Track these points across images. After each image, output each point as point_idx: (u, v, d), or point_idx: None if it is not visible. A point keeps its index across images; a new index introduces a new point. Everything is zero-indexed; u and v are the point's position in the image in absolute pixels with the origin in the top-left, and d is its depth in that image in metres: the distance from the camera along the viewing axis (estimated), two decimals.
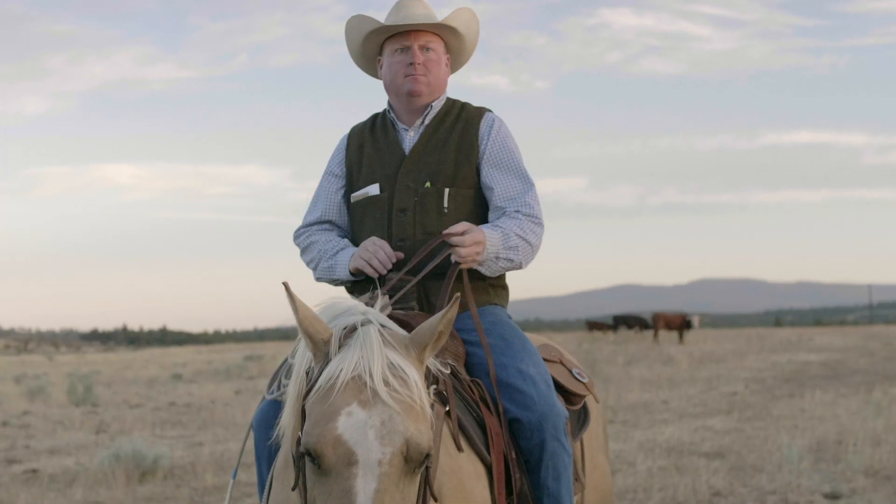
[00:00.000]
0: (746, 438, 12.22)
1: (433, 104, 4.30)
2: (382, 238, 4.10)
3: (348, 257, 4.11)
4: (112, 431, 14.90)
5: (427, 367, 3.06)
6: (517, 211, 4.12)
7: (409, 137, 4.28)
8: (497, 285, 4.19)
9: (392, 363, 2.87)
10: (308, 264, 4.32)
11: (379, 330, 2.97)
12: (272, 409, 3.74)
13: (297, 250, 4.44)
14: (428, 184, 4.15)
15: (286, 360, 3.79)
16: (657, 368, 26.32)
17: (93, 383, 23.63)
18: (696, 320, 52.02)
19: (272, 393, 3.77)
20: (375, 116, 4.44)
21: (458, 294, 3.03)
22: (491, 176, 4.20)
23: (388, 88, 4.33)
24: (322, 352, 2.95)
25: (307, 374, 3.01)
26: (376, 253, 3.98)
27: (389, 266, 3.97)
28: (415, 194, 4.14)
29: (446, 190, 4.15)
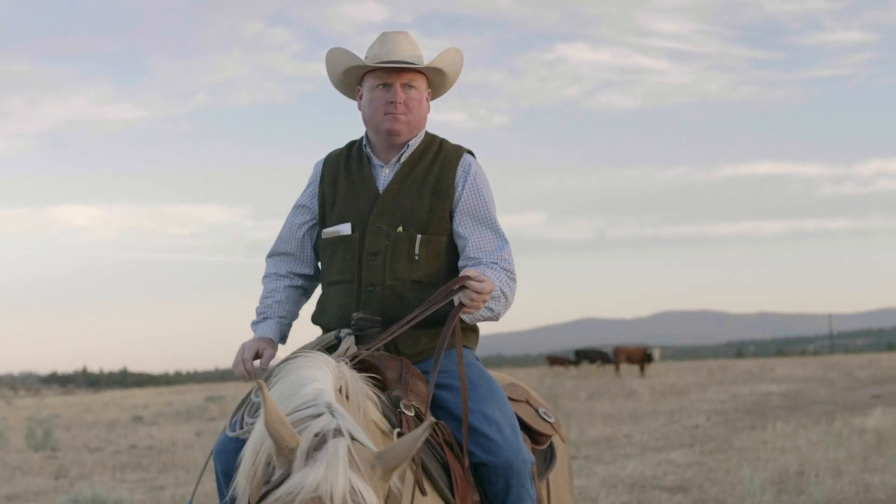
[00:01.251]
0: (708, 471, 12.25)
1: (411, 142, 4.22)
2: (352, 281, 4.09)
3: (259, 332, 4.27)
4: (72, 476, 14.74)
5: (388, 486, 3.02)
6: (494, 263, 4.09)
7: (384, 175, 4.20)
8: (467, 328, 4.16)
9: (354, 488, 2.85)
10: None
11: (348, 447, 2.93)
12: (232, 443, 3.80)
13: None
14: (400, 228, 4.10)
15: (248, 395, 3.90)
16: (619, 402, 26.35)
17: (52, 427, 23.38)
18: (656, 353, 52.12)
19: (234, 430, 3.80)
20: (352, 145, 4.35)
21: (434, 420, 3.24)
22: (464, 224, 4.16)
23: (366, 122, 4.24)
24: (286, 459, 2.92)
25: (268, 465, 3.02)
26: (236, 365, 4.15)
27: (246, 379, 4.11)
28: (386, 238, 4.09)
29: (418, 236, 4.10)
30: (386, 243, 4.08)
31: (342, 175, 4.24)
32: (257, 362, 4.15)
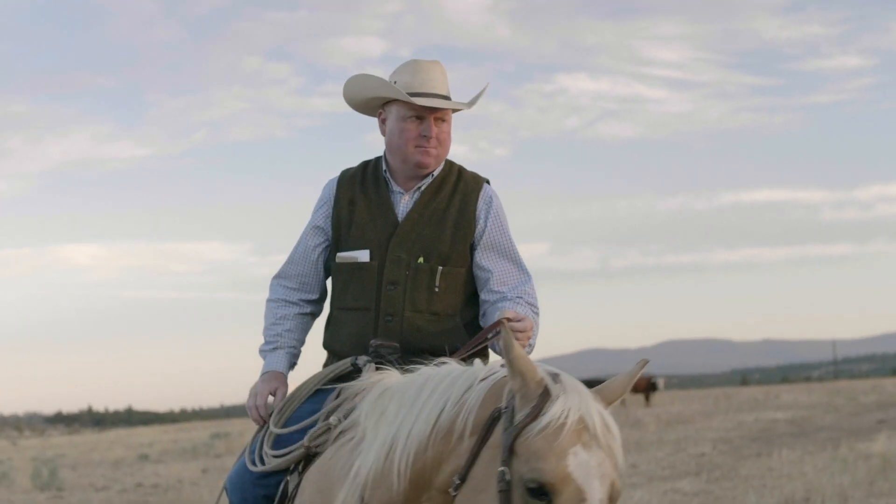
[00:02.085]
0: (715, 500, 12.26)
1: (433, 172, 4.18)
2: (369, 310, 4.06)
3: (269, 366, 4.21)
4: None
5: None
6: (519, 297, 4.08)
7: (404, 203, 4.14)
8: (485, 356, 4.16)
9: (601, 411, 3.03)
10: (264, 318, 4.35)
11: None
12: (249, 474, 3.90)
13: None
14: (421, 259, 4.06)
15: (264, 428, 4.01)
16: (625, 432, 26.26)
17: (57, 467, 23.36)
18: (661, 382, 52.10)
19: (256, 464, 3.89)
20: (366, 165, 4.28)
21: (646, 360, 3.21)
22: (488, 258, 4.14)
23: (391, 149, 4.16)
24: (533, 393, 3.00)
25: (506, 412, 3.04)
26: (250, 410, 4.14)
27: (260, 423, 4.07)
28: (406, 268, 4.05)
29: (440, 268, 4.07)
30: (406, 273, 4.05)
31: (359, 198, 4.18)
32: (271, 398, 4.12)
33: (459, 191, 4.18)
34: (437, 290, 4.06)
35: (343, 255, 4.13)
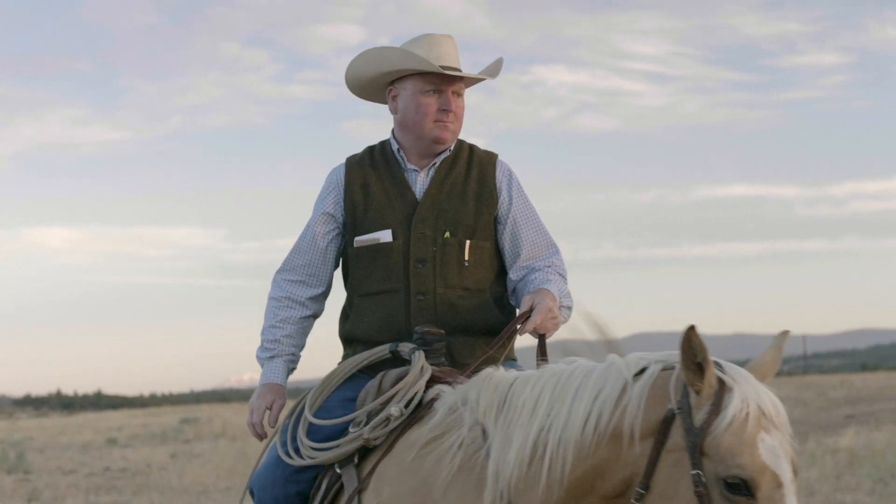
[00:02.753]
0: None
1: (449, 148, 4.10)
2: (398, 291, 3.96)
3: (266, 378, 4.09)
4: (45, 499, 14.68)
5: None
6: (548, 266, 4.05)
7: (421, 180, 4.06)
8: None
9: (767, 392, 3.02)
10: (265, 314, 4.19)
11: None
12: (281, 470, 3.75)
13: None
14: (447, 234, 3.99)
15: (299, 412, 3.86)
16: None
17: (25, 450, 23.25)
18: None
19: (292, 455, 3.73)
20: (372, 149, 4.18)
21: (788, 330, 3.19)
22: (516, 232, 4.08)
23: (406, 126, 4.07)
24: (711, 389, 2.95)
25: (680, 412, 2.97)
26: (249, 427, 4.05)
27: (260, 439, 4.01)
28: (433, 244, 3.97)
29: (468, 242, 4.00)
30: (433, 250, 3.97)
31: (372, 179, 4.07)
32: (268, 412, 4.04)
33: (475, 164, 4.11)
34: (466, 264, 3.99)
35: (362, 239, 4.02)
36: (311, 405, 3.84)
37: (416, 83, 4.02)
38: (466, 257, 3.99)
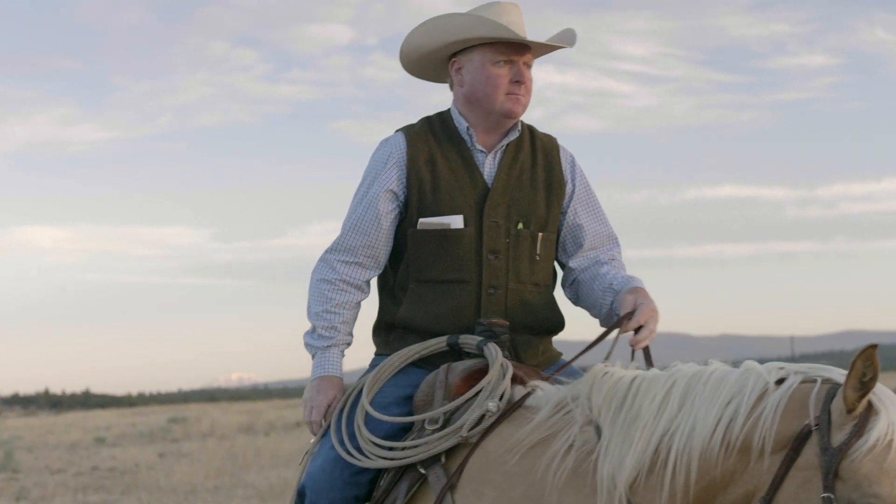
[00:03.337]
0: None
1: (514, 127, 3.82)
2: (468, 282, 3.70)
3: (323, 369, 3.72)
4: (33, 498, 14.64)
5: None
6: (613, 260, 3.89)
7: (488, 163, 3.77)
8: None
9: None
10: (308, 307, 3.81)
11: None
12: (341, 470, 3.49)
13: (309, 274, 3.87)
14: (521, 225, 3.74)
15: (352, 406, 3.55)
16: None
17: (13, 449, 23.18)
18: None
19: (353, 455, 3.45)
20: (430, 122, 3.86)
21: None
22: (580, 221, 3.86)
23: (471, 99, 3.76)
24: (857, 412, 2.73)
25: (817, 429, 2.75)
26: (310, 426, 3.69)
27: (315, 435, 3.66)
28: (506, 235, 3.72)
29: (540, 235, 3.77)
30: (506, 241, 3.71)
31: (438, 157, 3.75)
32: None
33: (539, 150, 3.86)
34: (537, 258, 3.77)
35: (429, 222, 3.71)
36: (368, 400, 3.55)
37: (485, 53, 3.72)
38: (538, 251, 3.77)
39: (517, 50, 3.72)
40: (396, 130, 3.86)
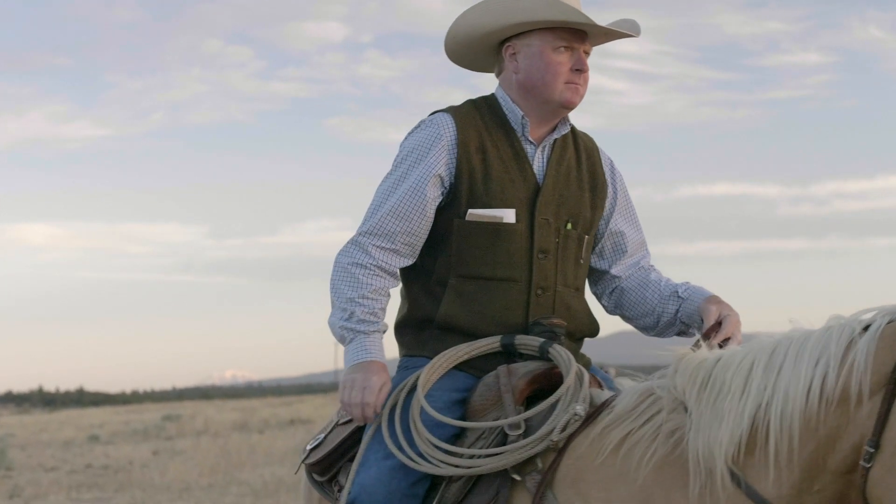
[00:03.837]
0: None
1: (563, 121, 3.57)
2: (517, 281, 3.43)
3: (350, 360, 3.37)
4: (27, 496, 14.62)
5: None
6: (652, 266, 3.76)
7: (538, 158, 3.51)
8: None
9: None
10: (331, 292, 3.44)
11: None
12: (401, 480, 3.21)
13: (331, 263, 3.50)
14: (570, 225, 3.51)
15: (404, 407, 3.30)
16: None
17: (7, 446, 23.14)
18: (612, 372, 52.18)
19: (413, 459, 3.18)
20: (477, 106, 3.56)
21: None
22: (619, 225, 3.70)
23: (527, 87, 3.48)
24: None
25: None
26: (363, 407, 3.30)
27: (366, 422, 3.33)
28: (556, 235, 3.48)
29: (585, 237, 3.57)
30: (556, 241, 3.47)
31: (489, 145, 3.46)
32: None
33: (583, 150, 3.64)
34: (581, 261, 3.57)
35: (480, 213, 3.42)
36: (420, 404, 3.27)
37: (545, 38, 3.43)
38: (583, 254, 3.57)
39: (578, 36, 3.46)
40: (438, 111, 3.55)
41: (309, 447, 3.69)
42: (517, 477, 3.11)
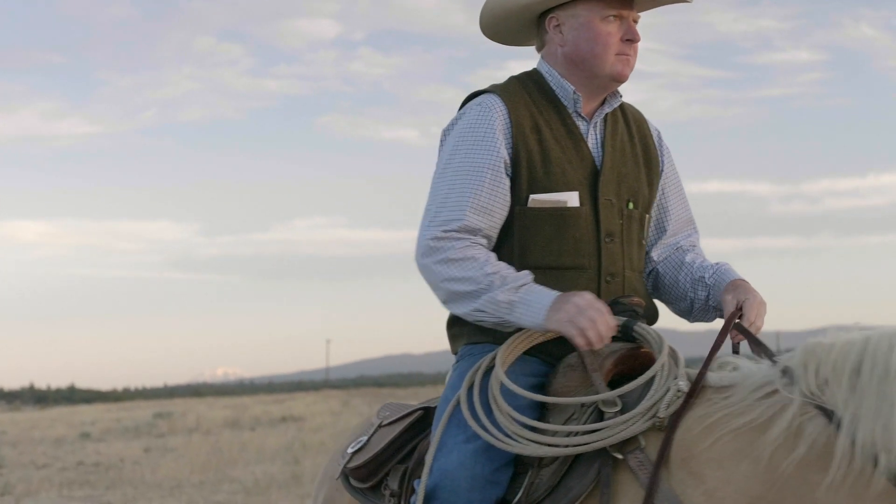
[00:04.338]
0: None
1: (613, 94, 3.34)
2: (586, 268, 3.20)
3: (544, 302, 3.03)
4: (18, 493, 14.59)
5: None
6: (694, 247, 3.52)
7: (592, 136, 3.29)
8: None
9: None
10: (450, 283, 3.11)
11: None
12: (480, 468, 2.97)
13: (414, 264, 3.21)
14: (631, 205, 3.29)
15: (482, 388, 3.04)
16: None
17: None
18: None
19: (511, 439, 2.93)
20: (523, 83, 3.32)
21: None
22: (664, 201, 3.48)
23: (574, 60, 3.24)
24: None
25: None
26: (596, 323, 2.99)
27: (602, 345, 3.03)
28: (619, 216, 3.26)
29: (647, 216, 3.37)
30: (620, 223, 3.25)
31: (542, 124, 3.22)
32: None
33: (632, 123, 3.42)
34: (644, 242, 3.36)
35: (542, 199, 3.18)
36: (500, 381, 3.02)
37: (592, 7, 3.20)
38: (645, 234, 3.36)
39: (626, 3, 3.22)
40: (479, 93, 3.30)
41: (350, 450, 3.51)
42: (618, 455, 2.87)
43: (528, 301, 3.04)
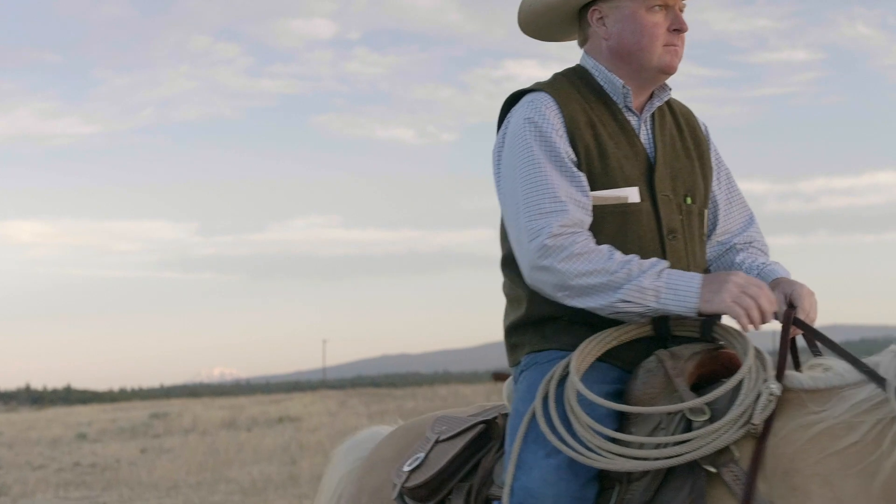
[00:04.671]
0: None
1: (661, 87, 3.21)
2: None
3: (693, 285, 2.87)
4: (14, 494, 14.57)
5: None
6: (749, 244, 3.35)
7: (644, 130, 3.17)
8: None
9: None
10: (583, 278, 2.89)
11: None
12: (566, 484, 2.82)
13: (534, 261, 2.95)
14: (689, 200, 3.16)
15: (558, 397, 2.88)
16: None
17: None
18: None
19: (586, 451, 2.77)
20: (569, 78, 3.19)
21: None
22: (717, 195, 3.34)
23: (620, 53, 3.12)
24: None
25: None
26: (759, 300, 2.86)
27: (768, 322, 2.90)
28: (678, 211, 3.13)
29: (705, 211, 3.23)
30: (680, 219, 3.12)
31: (596, 121, 3.10)
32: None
33: (681, 116, 3.30)
34: (705, 238, 3.23)
35: (604, 195, 3.04)
36: (576, 389, 2.86)
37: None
38: (705, 230, 3.23)
39: None
40: (526, 92, 3.16)
41: (407, 468, 3.33)
42: (711, 469, 2.72)
43: (674, 286, 2.88)
